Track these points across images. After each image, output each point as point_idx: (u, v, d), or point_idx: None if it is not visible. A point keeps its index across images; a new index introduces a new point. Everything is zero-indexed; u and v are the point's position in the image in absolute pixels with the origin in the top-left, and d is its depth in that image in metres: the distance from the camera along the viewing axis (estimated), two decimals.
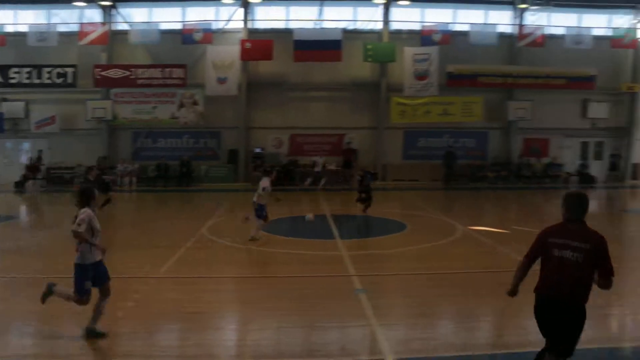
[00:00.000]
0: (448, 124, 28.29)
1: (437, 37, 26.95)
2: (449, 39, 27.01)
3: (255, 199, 12.77)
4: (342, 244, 12.63)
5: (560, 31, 28.59)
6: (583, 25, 29.40)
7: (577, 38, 27.97)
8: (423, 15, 28.39)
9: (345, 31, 26.51)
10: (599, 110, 29.84)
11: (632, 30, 29.32)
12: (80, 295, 6.55)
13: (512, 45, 28.51)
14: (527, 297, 9.08)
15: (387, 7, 27.28)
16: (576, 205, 5.07)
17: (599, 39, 28.49)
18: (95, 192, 6.89)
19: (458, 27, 28.12)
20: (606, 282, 4.85)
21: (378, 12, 27.55)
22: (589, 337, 7.16)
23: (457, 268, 10.63)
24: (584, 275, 4.81)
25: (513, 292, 5.40)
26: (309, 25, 27.26)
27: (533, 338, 7.05)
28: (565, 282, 4.82)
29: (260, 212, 12.71)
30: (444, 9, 28.53)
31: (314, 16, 27.45)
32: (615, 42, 28.80)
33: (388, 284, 9.81)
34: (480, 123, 28.48)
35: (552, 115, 29.20)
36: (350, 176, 26.76)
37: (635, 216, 19.58)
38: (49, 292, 6.79)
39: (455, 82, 27.44)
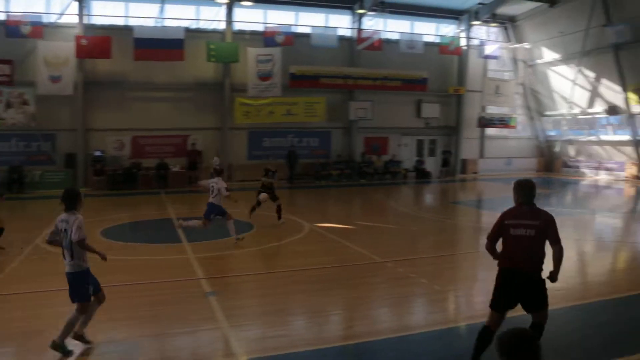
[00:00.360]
0: (292, 124, 28.81)
1: (279, 39, 27.31)
2: (292, 41, 27.50)
3: (213, 200, 12.47)
4: (190, 247, 12.39)
5: (395, 36, 30.36)
6: (415, 31, 31.52)
7: (410, 43, 29.89)
8: (266, 17, 28.69)
9: (187, 30, 25.97)
10: (431, 110, 32.29)
11: (457, 38, 31.99)
12: (88, 301, 6.46)
13: (351, 48, 29.72)
14: (371, 290, 9.54)
15: (230, 7, 27.14)
16: (527, 191, 5.78)
17: (429, 45, 30.72)
18: (82, 195, 6.62)
19: (300, 29, 28.79)
20: (556, 247, 5.59)
21: (221, 12, 27.33)
22: (429, 321, 7.71)
23: (306, 265, 10.87)
24: (536, 248, 5.56)
25: (496, 257, 5.94)
26: (150, 22, 26.33)
27: (380, 327, 7.44)
28: (521, 254, 5.56)
29: (209, 212, 12.44)
30: (286, 11, 29.08)
31: (155, 14, 26.56)
32: (442, 49, 31.27)
33: (238, 284, 9.78)
34: (323, 123, 29.37)
35: (390, 115, 31.02)
36: (196, 178, 26.34)
37: (462, 207, 21.34)
38: (60, 347, 6.31)
39: (298, 82, 28.05)
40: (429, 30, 32.43)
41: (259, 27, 27.89)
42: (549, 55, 33.26)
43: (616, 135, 31.71)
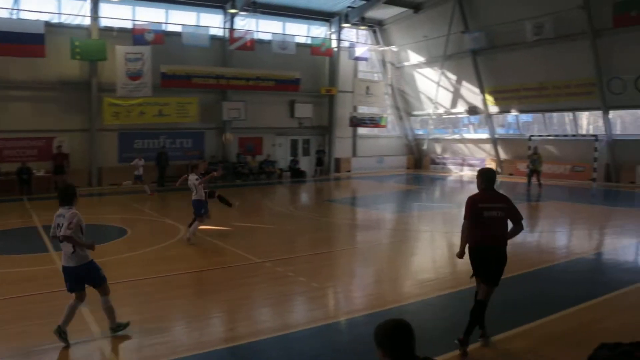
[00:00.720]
0: (164, 124, 27.98)
1: (149, 37, 26.39)
2: (162, 39, 26.68)
3: (196, 197, 12.75)
4: (57, 256, 11.62)
5: (267, 37, 30.47)
6: (287, 32, 31.83)
7: (282, 44, 30.13)
8: (134, 14, 27.64)
9: (48, 24, 24.31)
10: (304, 110, 32.80)
11: (328, 40, 32.73)
12: (105, 280, 7.04)
13: (224, 47, 29.43)
14: (251, 291, 9.54)
15: (95, 1, 25.78)
16: (490, 178, 6.69)
17: (301, 46, 31.19)
18: (77, 190, 6.97)
19: (171, 28, 28.02)
20: (519, 226, 6.62)
21: (85, 7, 25.88)
22: (309, 318, 7.83)
23: (185, 269, 10.67)
24: (504, 227, 6.56)
25: (462, 254, 6.66)
26: (4, 14, 24.28)
27: (262, 327, 7.45)
28: (493, 233, 6.46)
29: (199, 209, 12.75)
30: (156, 9, 28.16)
31: (9, 4, 24.40)
32: (314, 50, 31.86)
33: (113, 292, 9.27)
34: (196, 123, 28.80)
35: (263, 115, 31.13)
36: (63, 182, 24.90)
37: (337, 205, 21.87)
38: (118, 328, 6.94)
39: (169, 82, 27.27)
40: (301, 32, 32.90)
41: (128, 24, 26.74)
42: (414, 58, 34.93)
43: (477, 133, 34.11)
